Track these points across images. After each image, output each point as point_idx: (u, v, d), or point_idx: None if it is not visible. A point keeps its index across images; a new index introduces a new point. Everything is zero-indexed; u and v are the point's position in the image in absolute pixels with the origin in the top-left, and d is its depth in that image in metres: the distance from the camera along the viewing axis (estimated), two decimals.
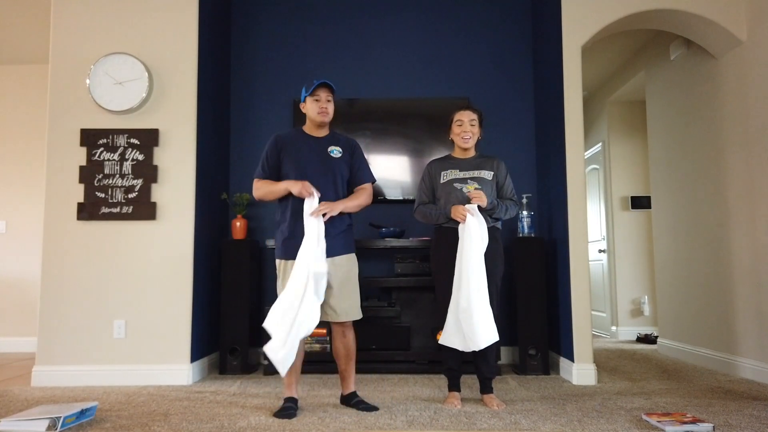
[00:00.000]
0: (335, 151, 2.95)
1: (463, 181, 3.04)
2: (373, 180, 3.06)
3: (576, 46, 3.76)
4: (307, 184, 2.79)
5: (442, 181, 3.09)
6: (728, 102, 3.94)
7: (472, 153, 3.15)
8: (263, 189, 2.93)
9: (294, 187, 2.80)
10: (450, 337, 2.91)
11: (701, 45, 4.07)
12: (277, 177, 2.94)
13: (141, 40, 3.80)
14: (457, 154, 3.16)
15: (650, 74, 5.18)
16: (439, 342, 2.99)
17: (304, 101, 2.95)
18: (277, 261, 2.91)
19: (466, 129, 3.06)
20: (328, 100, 2.93)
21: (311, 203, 2.77)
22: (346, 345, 2.94)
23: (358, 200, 2.95)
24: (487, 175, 3.07)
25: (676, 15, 3.79)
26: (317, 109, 2.91)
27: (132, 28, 3.81)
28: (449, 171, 3.09)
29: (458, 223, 2.95)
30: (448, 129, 3.15)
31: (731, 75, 3.91)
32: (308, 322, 2.68)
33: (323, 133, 3.00)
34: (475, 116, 3.08)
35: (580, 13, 3.77)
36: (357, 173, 3.01)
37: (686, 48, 4.46)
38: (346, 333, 2.93)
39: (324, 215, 2.77)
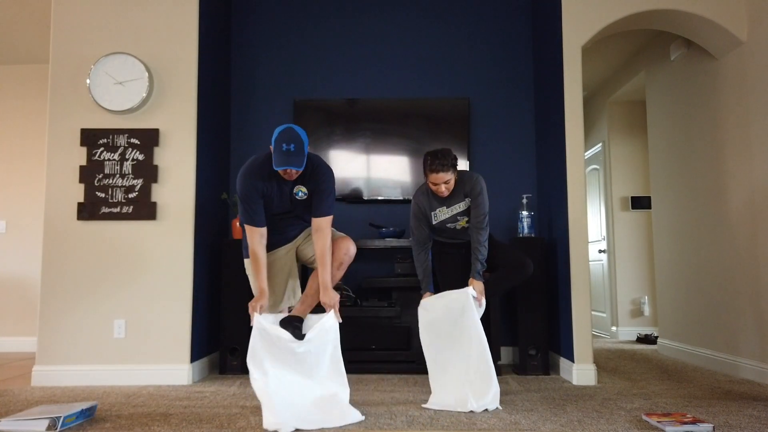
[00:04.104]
0: (300, 194, 2.89)
1: (454, 219, 3.25)
2: (329, 214, 2.91)
3: (576, 46, 3.76)
4: (254, 307, 2.89)
5: (434, 222, 3.27)
6: (728, 102, 3.94)
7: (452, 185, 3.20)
8: (251, 266, 2.96)
9: (254, 299, 2.93)
10: (443, 397, 2.92)
11: (701, 45, 4.07)
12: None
13: (141, 40, 3.80)
14: None
15: (650, 74, 5.18)
16: (430, 406, 2.88)
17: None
18: (246, 261, 2.92)
19: (441, 190, 3.15)
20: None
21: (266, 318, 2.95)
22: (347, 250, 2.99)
23: (328, 261, 2.87)
24: (464, 205, 3.23)
25: (676, 15, 3.79)
26: (282, 172, 2.80)
27: (132, 28, 3.81)
28: (437, 210, 3.25)
29: (447, 243, 3.37)
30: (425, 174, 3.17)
31: (731, 75, 3.91)
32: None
33: None
34: (449, 176, 3.09)
35: (580, 13, 3.77)
36: (315, 207, 2.90)
37: (686, 48, 4.46)
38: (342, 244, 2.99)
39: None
